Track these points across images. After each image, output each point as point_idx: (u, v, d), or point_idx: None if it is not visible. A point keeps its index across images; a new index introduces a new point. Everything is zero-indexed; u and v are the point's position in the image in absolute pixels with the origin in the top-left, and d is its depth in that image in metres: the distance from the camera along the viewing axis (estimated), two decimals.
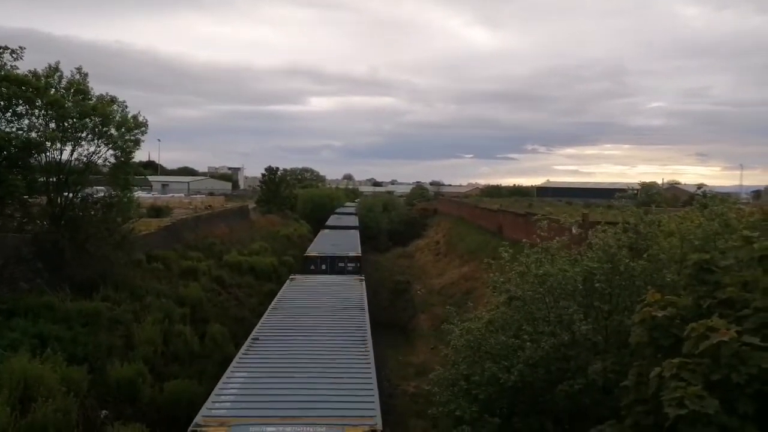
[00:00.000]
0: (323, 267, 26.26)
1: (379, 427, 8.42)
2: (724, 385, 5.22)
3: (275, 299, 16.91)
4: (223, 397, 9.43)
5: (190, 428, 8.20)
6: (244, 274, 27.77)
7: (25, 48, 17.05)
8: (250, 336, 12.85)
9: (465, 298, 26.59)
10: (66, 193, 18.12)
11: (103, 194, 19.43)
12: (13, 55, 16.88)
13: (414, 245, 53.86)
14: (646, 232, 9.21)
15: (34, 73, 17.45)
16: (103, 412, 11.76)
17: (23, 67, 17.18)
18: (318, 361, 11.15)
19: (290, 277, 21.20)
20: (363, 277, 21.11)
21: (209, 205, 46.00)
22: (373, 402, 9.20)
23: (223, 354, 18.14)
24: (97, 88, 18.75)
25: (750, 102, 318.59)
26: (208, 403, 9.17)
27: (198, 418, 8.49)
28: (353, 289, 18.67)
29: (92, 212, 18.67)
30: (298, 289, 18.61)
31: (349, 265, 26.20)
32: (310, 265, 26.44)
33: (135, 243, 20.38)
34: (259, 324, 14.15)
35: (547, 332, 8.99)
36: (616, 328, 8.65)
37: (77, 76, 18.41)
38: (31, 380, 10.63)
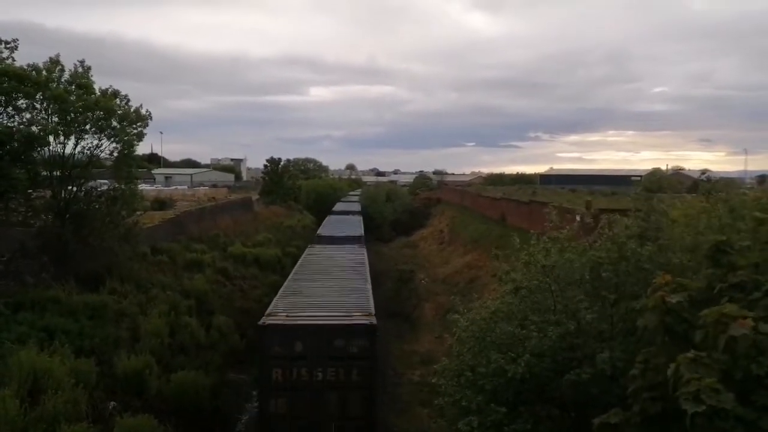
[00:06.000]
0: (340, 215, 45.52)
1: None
2: (741, 377, 5.15)
3: (325, 219, 40.98)
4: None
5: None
6: (248, 266, 27.88)
7: (18, 40, 16.98)
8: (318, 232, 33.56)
9: (469, 287, 26.62)
10: (70, 187, 18.14)
11: (107, 187, 19.46)
12: (8, 47, 16.81)
13: (418, 235, 53.85)
14: (656, 220, 9.12)
15: (34, 67, 17.40)
16: (112, 403, 11.85)
17: (19, 60, 17.15)
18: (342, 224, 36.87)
19: (327, 217, 42.43)
20: (361, 215, 45.24)
21: (212, 197, 46.03)
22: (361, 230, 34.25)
23: (229, 345, 18.28)
24: (94, 80, 18.70)
25: (755, 86, 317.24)
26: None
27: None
28: (355, 217, 42.26)
29: (96, 206, 18.70)
30: (332, 219, 40.61)
31: (355, 214, 45.59)
32: (336, 212, 47.81)
33: (139, 236, 20.44)
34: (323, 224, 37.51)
35: (552, 321, 8.97)
36: (623, 315, 8.62)
37: (80, 70, 18.37)
38: (40, 373, 10.70)
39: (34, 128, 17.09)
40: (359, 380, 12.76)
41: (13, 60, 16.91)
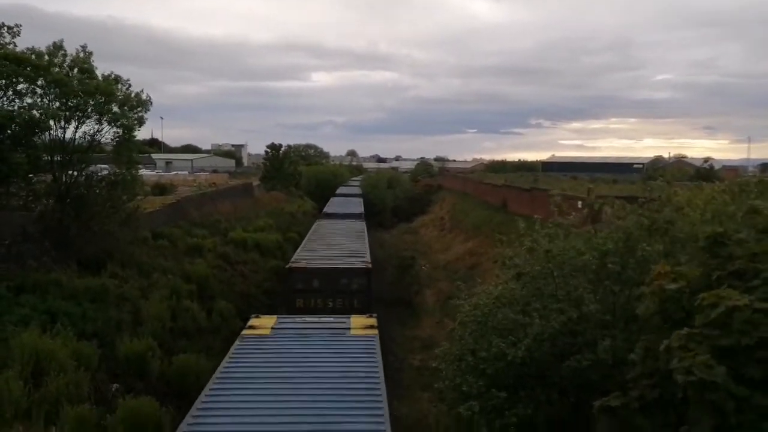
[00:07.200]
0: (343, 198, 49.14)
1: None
2: (733, 353, 5.25)
3: (329, 200, 43.98)
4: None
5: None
6: (249, 251, 27.88)
7: (21, 25, 16.99)
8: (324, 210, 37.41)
9: (470, 273, 26.66)
10: (70, 172, 18.12)
11: (107, 172, 19.43)
12: (11, 32, 16.79)
13: (419, 221, 53.88)
14: (669, 213, 9.02)
15: (34, 51, 17.33)
16: (114, 385, 11.93)
17: (19, 44, 17.12)
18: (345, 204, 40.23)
19: (331, 199, 45.81)
20: (362, 197, 49.26)
21: (213, 183, 45.98)
22: (361, 208, 38.44)
23: (230, 329, 18.35)
24: (95, 65, 18.67)
25: (760, 74, 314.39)
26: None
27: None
28: (356, 199, 45.82)
29: (97, 190, 18.69)
30: (335, 200, 44.01)
31: (355, 197, 48.05)
32: (339, 195, 51.94)
33: (140, 220, 20.45)
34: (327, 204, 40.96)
35: (555, 309, 8.98)
36: (624, 305, 8.63)
37: (81, 54, 18.29)
38: (43, 355, 10.77)
39: (35, 112, 17.04)
40: (359, 308, 16.09)
41: (15, 45, 16.89)
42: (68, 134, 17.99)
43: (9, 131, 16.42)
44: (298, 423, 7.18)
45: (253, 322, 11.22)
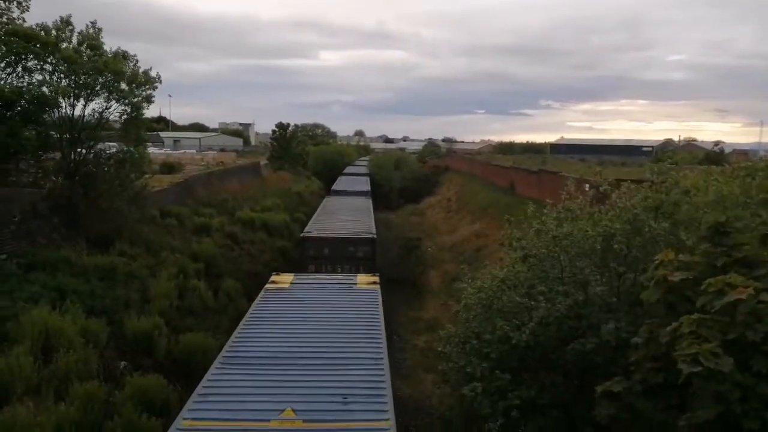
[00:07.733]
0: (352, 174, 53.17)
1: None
2: (739, 344, 5.20)
3: (338, 179, 45.65)
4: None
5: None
6: (256, 231, 27.96)
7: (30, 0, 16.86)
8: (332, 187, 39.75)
9: (476, 256, 26.69)
10: (79, 149, 18.15)
11: (115, 150, 19.45)
12: (20, 7, 16.70)
13: (426, 202, 53.80)
14: (676, 195, 8.97)
15: (43, 27, 17.24)
16: (122, 363, 12.08)
17: (28, 20, 17.00)
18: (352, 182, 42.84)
19: (339, 177, 47.79)
20: (368, 176, 51.22)
21: (221, 162, 46.00)
22: (368, 186, 40.70)
23: (237, 308, 18.51)
24: (104, 41, 18.51)
25: None
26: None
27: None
28: (363, 178, 47.59)
29: (105, 168, 18.73)
30: (343, 179, 45.95)
31: (362, 176, 49.95)
32: (348, 170, 56.92)
33: (148, 199, 20.50)
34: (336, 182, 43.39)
35: (561, 292, 8.98)
36: (629, 288, 8.62)
37: (91, 31, 18.18)
38: (52, 331, 10.87)
39: (44, 89, 17.03)
40: (364, 272, 17.19)
41: (24, 20, 16.81)
42: (77, 111, 17.97)
43: (19, 107, 16.43)
44: (314, 351, 8.89)
45: (274, 278, 13.28)
